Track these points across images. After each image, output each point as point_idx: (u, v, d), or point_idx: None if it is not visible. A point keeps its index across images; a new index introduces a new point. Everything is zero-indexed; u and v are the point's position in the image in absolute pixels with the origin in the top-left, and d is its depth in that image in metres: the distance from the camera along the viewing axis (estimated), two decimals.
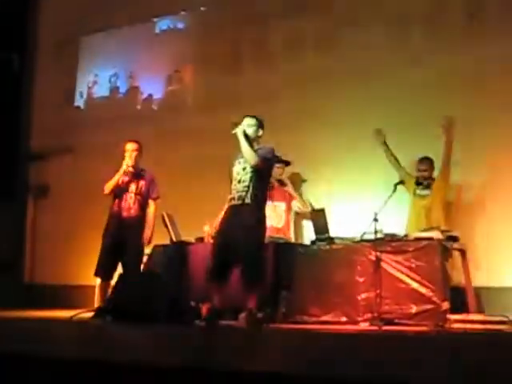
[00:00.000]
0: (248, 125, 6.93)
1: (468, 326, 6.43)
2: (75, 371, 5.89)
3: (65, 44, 11.93)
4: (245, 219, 6.74)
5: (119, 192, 7.95)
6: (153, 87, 11.00)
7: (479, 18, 8.36)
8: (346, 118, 8.97)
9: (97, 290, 9.29)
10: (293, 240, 8.32)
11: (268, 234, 7.77)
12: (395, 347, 4.86)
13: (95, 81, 11.70)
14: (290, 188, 8.50)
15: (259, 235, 6.83)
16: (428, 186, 7.77)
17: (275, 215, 8.25)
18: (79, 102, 11.85)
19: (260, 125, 7.00)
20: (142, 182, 8.04)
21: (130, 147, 8.06)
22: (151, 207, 8.05)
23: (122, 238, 7.85)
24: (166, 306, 6.33)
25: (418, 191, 7.81)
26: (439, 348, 4.69)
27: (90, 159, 10.68)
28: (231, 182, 7.00)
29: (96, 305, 7.94)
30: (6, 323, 7.00)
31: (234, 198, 6.90)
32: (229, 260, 6.75)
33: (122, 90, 11.38)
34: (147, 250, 8.25)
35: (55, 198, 11.66)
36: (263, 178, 6.95)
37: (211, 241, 7.46)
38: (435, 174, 7.80)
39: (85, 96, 11.80)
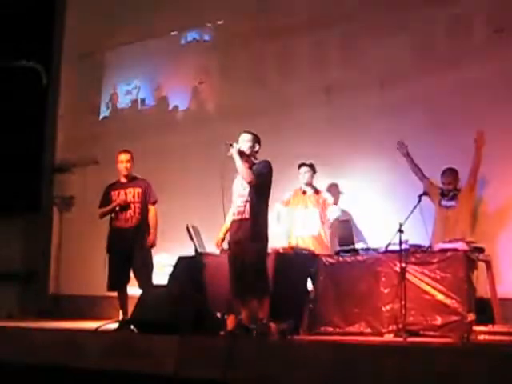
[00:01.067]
0: (243, 140, 7.03)
1: (493, 337, 6.40)
2: (100, 381, 5.94)
3: (90, 56, 12.01)
4: (245, 234, 6.87)
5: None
6: (178, 98, 11.04)
7: (506, 32, 8.32)
8: (370, 128, 8.96)
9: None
10: (329, 247, 8.26)
11: (296, 243, 7.84)
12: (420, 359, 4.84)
13: (120, 92, 11.75)
14: (325, 194, 8.47)
15: (259, 249, 6.90)
16: (453, 197, 7.73)
17: (310, 222, 8.26)
18: (104, 113, 11.91)
19: (256, 140, 7.08)
20: (137, 190, 8.08)
21: (125, 158, 8.16)
22: (151, 212, 8.08)
23: (127, 248, 7.91)
24: (192, 317, 6.33)
25: (443, 202, 7.78)
26: (465, 360, 4.67)
27: (115, 171, 10.70)
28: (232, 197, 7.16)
29: (122, 316, 7.99)
30: (31, 333, 7.03)
31: (234, 214, 7.06)
32: (241, 275, 6.88)
33: (147, 101, 11.44)
34: (172, 262, 8.30)
35: (80, 209, 11.73)
36: (261, 192, 7.01)
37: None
38: (460, 184, 7.77)
39: (110, 107, 11.87)
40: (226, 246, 7.55)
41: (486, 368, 4.50)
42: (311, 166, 8.44)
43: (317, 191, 8.49)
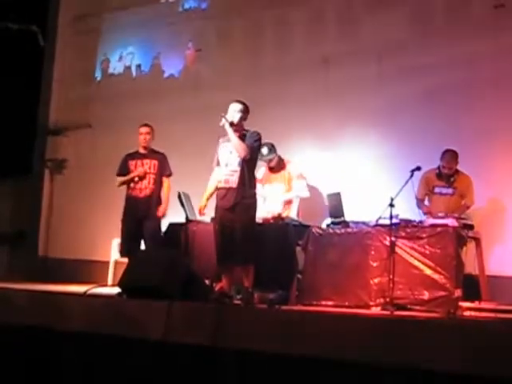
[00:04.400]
0: (234, 110, 7.08)
1: (480, 314, 6.45)
2: (86, 345, 5.97)
3: (87, 19, 11.93)
4: (233, 203, 6.95)
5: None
6: (174, 65, 10.98)
7: (507, 7, 8.29)
8: (360, 103, 8.96)
9: (111, 268, 9.43)
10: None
11: (276, 215, 7.84)
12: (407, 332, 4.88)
13: (116, 57, 11.69)
14: (290, 167, 8.42)
15: (248, 217, 7.01)
16: (449, 183, 7.71)
17: (273, 199, 8.26)
18: (99, 77, 11.85)
19: (245, 109, 7.13)
20: (154, 162, 8.27)
21: (145, 130, 8.36)
22: (165, 184, 8.27)
23: (139, 217, 8.10)
24: (180, 282, 6.36)
25: (437, 189, 7.75)
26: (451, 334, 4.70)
27: (108, 135, 10.71)
28: (217, 165, 7.22)
29: (111, 281, 8.09)
30: (19, 296, 7.04)
31: (220, 181, 7.11)
32: (228, 244, 6.94)
33: (143, 67, 11.37)
34: (163, 228, 8.33)
35: (72, 173, 11.72)
36: (251, 164, 7.13)
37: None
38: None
39: (105, 72, 11.80)
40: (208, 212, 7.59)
41: (471, 344, 4.54)
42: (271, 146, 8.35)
43: (282, 165, 8.43)
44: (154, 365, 5.58)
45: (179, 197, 8.27)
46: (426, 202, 7.87)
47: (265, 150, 8.12)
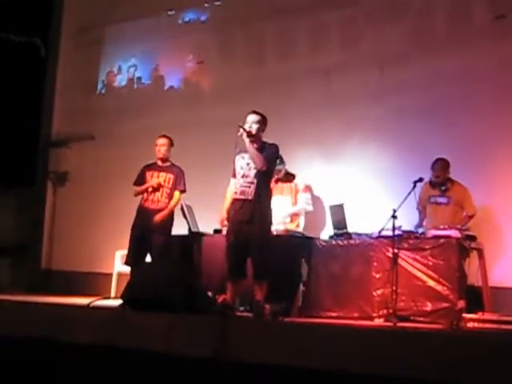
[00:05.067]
0: (252, 121, 6.98)
1: (483, 325, 6.43)
2: (89, 357, 5.96)
3: (89, 31, 11.96)
4: (249, 215, 6.80)
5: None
6: (175, 78, 11.01)
7: (508, 18, 8.31)
8: (362, 114, 8.98)
9: (114, 280, 9.42)
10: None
11: (284, 228, 7.80)
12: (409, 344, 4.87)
13: (118, 69, 11.72)
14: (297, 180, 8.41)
15: (264, 230, 6.88)
16: (443, 191, 7.72)
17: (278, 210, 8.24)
18: (102, 89, 11.88)
19: (264, 121, 7.04)
20: (170, 176, 8.18)
21: (160, 142, 8.28)
22: (175, 196, 8.15)
23: (149, 229, 7.99)
24: (183, 295, 6.35)
25: (432, 199, 7.76)
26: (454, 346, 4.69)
27: (111, 147, 10.74)
28: (234, 176, 7.08)
29: (114, 293, 8.06)
30: (21, 308, 7.04)
31: (236, 193, 6.97)
32: (241, 257, 6.84)
33: (144, 80, 11.41)
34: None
35: (74, 185, 11.73)
36: (268, 176, 7.04)
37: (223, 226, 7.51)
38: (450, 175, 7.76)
39: (107, 84, 11.83)
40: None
41: (474, 355, 4.53)
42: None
43: (289, 178, 8.44)
44: (157, 377, 5.57)
45: (182, 209, 8.27)
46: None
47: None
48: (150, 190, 8.12)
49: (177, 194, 8.15)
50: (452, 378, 4.51)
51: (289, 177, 8.38)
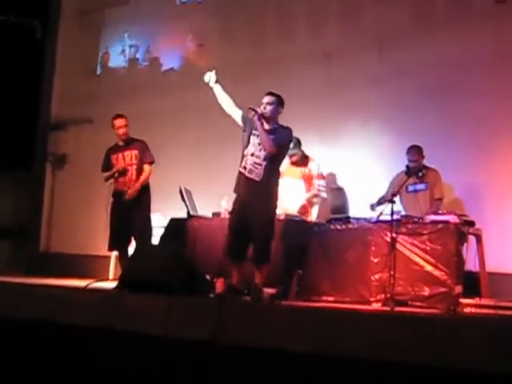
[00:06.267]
0: (267, 103, 6.85)
1: (480, 310, 6.45)
2: (87, 339, 5.97)
3: (88, 14, 11.92)
4: (255, 197, 6.72)
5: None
6: (174, 59, 10.99)
7: (508, 2, 8.29)
8: (362, 96, 8.97)
9: (112, 262, 9.42)
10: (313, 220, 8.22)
11: (285, 211, 7.78)
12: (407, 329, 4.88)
13: (117, 51, 11.70)
14: (311, 165, 8.36)
15: (269, 214, 6.82)
16: (420, 178, 7.72)
17: (294, 193, 8.19)
18: (100, 72, 11.85)
19: (280, 102, 6.89)
20: (134, 152, 8.19)
21: (119, 123, 8.22)
22: (145, 169, 8.17)
23: (127, 211, 8.05)
24: (181, 278, 6.36)
25: (410, 187, 7.73)
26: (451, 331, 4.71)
27: (110, 130, 10.66)
28: (246, 147, 6.90)
29: (112, 276, 8.07)
30: (21, 290, 7.06)
31: (245, 168, 6.84)
32: (243, 238, 6.78)
33: (143, 61, 11.40)
34: (164, 223, 8.33)
35: (73, 167, 11.74)
36: (278, 159, 6.92)
37: (228, 216, 7.45)
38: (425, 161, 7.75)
39: (106, 66, 11.81)
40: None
41: (471, 340, 4.54)
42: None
43: (305, 162, 8.38)
44: (154, 359, 5.58)
45: (180, 192, 8.24)
46: (398, 203, 7.80)
47: (290, 144, 8.08)
48: (117, 175, 8.16)
49: (146, 167, 8.16)
50: (449, 363, 4.53)
51: (304, 160, 8.31)
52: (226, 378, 5.25)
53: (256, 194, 6.72)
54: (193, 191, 8.40)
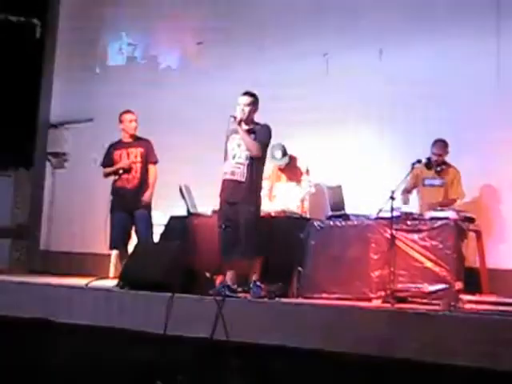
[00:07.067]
0: (244, 104, 6.98)
1: (480, 306, 6.45)
2: (87, 338, 5.98)
3: (87, 11, 11.90)
4: (238, 197, 6.88)
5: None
6: (173, 56, 10.98)
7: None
8: (360, 93, 8.96)
9: (113, 260, 9.40)
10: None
11: (283, 209, 7.80)
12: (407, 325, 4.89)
13: (113, 50, 11.68)
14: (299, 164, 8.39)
15: (253, 211, 6.95)
16: (439, 173, 7.71)
17: (288, 196, 8.22)
18: (99, 70, 11.84)
19: (255, 101, 7.04)
20: (140, 150, 8.13)
21: (129, 117, 8.18)
22: (151, 171, 8.13)
23: (129, 209, 8.01)
24: (181, 276, 6.36)
25: (427, 181, 7.75)
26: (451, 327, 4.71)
27: (109, 128, 10.67)
28: (225, 155, 7.08)
29: (112, 274, 8.07)
30: (21, 289, 7.06)
31: (227, 173, 7.00)
32: (232, 237, 6.91)
33: (141, 59, 11.37)
34: (164, 221, 8.32)
35: (73, 166, 11.72)
36: (261, 157, 7.05)
37: None
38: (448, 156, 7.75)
39: (104, 65, 11.80)
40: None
41: (472, 337, 4.55)
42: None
43: (292, 164, 8.40)
44: (155, 358, 5.58)
45: (180, 190, 8.24)
46: (415, 195, 7.85)
47: (278, 154, 8.11)
48: (121, 171, 8.09)
49: (152, 168, 8.13)
50: (449, 360, 4.53)
51: (290, 162, 8.34)
52: (226, 376, 5.25)
53: (240, 192, 6.87)
54: (192, 189, 8.40)
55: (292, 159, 8.38)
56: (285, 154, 8.20)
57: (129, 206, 8.01)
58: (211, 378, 5.30)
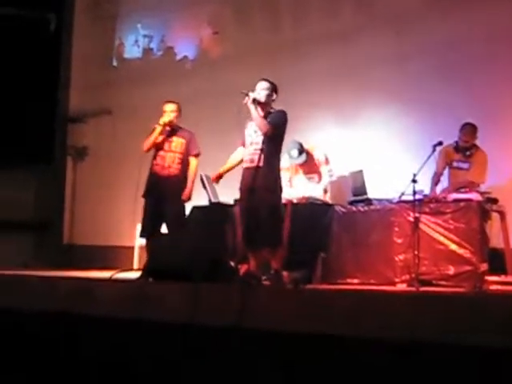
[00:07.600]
0: (260, 88, 6.91)
1: (506, 287, 6.42)
2: (113, 329, 5.99)
3: (103, 4, 11.93)
4: (259, 183, 6.70)
5: (158, 150, 7.87)
6: (190, 47, 10.97)
7: None
8: (380, 78, 8.92)
9: (136, 252, 9.41)
10: None
11: (306, 195, 7.79)
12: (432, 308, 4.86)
13: (132, 41, 11.70)
14: (317, 154, 8.34)
15: (274, 198, 6.86)
16: (467, 157, 7.64)
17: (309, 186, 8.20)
18: (116, 62, 11.86)
19: (273, 88, 6.96)
20: (181, 140, 7.87)
21: (169, 108, 7.91)
22: (192, 164, 7.88)
23: (163, 197, 7.69)
24: (206, 266, 6.36)
25: (455, 163, 7.68)
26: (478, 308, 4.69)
27: (128, 120, 10.75)
28: (242, 145, 7.08)
29: (136, 265, 8.02)
30: (46, 282, 7.09)
31: (246, 161, 6.94)
32: (253, 224, 6.80)
33: (159, 51, 11.40)
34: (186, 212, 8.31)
35: (94, 159, 11.78)
36: (275, 142, 6.91)
37: None
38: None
39: (121, 57, 11.82)
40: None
41: (499, 317, 4.52)
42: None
43: (309, 157, 8.32)
44: (181, 348, 5.59)
45: (201, 179, 8.23)
46: (446, 176, 7.80)
47: (294, 153, 8.06)
48: (161, 138, 7.77)
49: (193, 161, 7.88)
50: (477, 341, 4.51)
51: (307, 160, 8.30)
52: (253, 364, 5.25)
53: (259, 178, 6.68)
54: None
55: (309, 155, 8.30)
56: (301, 152, 8.13)
57: (162, 195, 7.67)
58: (237, 366, 5.30)
